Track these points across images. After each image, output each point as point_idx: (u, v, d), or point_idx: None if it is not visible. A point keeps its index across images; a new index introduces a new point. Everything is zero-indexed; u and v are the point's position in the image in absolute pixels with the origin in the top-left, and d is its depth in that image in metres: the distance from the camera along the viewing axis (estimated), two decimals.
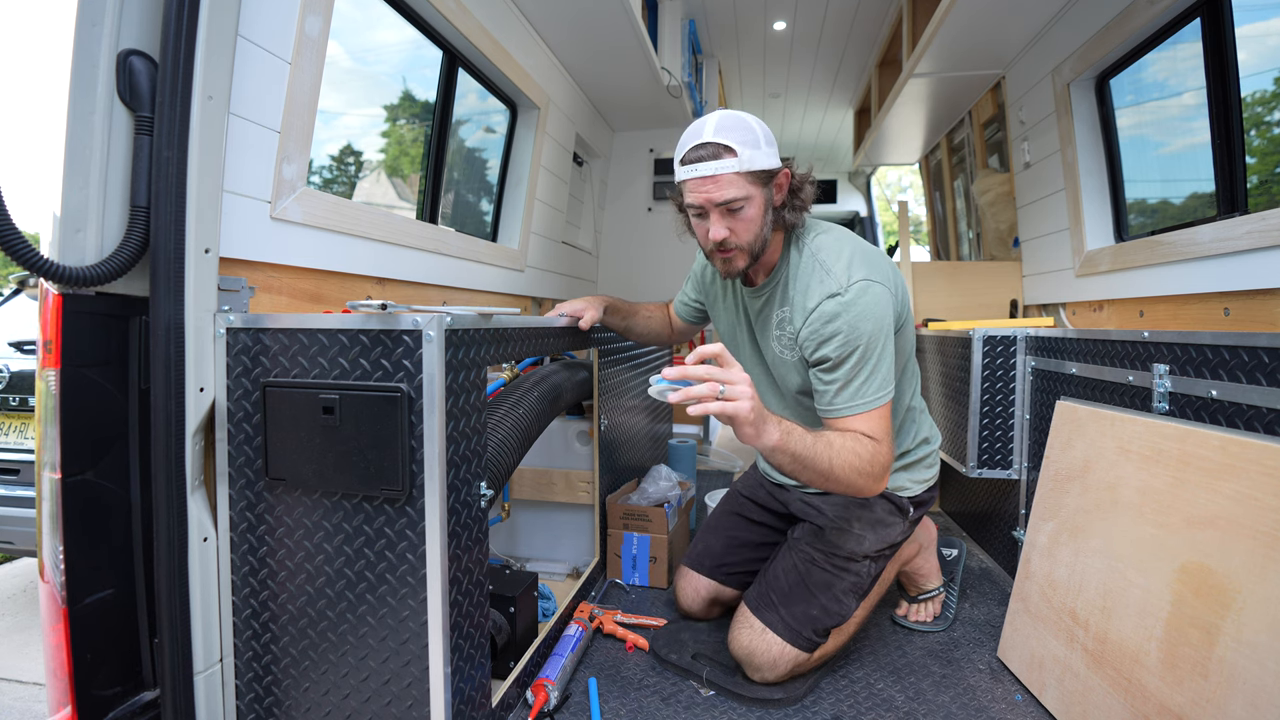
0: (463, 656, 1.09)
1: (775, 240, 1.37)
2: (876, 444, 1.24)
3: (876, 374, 1.27)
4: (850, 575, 1.42)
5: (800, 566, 1.42)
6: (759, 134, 1.26)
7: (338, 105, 1.89)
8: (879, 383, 1.27)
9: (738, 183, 1.25)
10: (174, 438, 1.04)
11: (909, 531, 1.53)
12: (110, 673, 1.04)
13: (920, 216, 5.11)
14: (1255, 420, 1.07)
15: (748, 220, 1.28)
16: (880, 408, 1.27)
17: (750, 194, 1.26)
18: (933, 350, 2.36)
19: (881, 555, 1.48)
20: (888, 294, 1.29)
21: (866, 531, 1.44)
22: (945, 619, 1.68)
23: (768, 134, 1.28)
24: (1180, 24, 1.74)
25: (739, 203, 1.25)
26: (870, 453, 1.22)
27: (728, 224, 1.28)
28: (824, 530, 1.45)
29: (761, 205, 1.28)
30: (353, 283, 1.56)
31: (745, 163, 1.23)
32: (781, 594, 1.40)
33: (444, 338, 1.01)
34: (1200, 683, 1.00)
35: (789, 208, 1.33)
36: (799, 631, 1.36)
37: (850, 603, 1.42)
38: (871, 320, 1.26)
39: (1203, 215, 1.78)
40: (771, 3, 3.23)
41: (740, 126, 1.25)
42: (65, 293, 0.96)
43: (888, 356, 1.28)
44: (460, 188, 2.42)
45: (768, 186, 1.29)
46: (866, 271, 1.29)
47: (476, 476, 1.14)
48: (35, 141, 0.97)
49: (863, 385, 1.26)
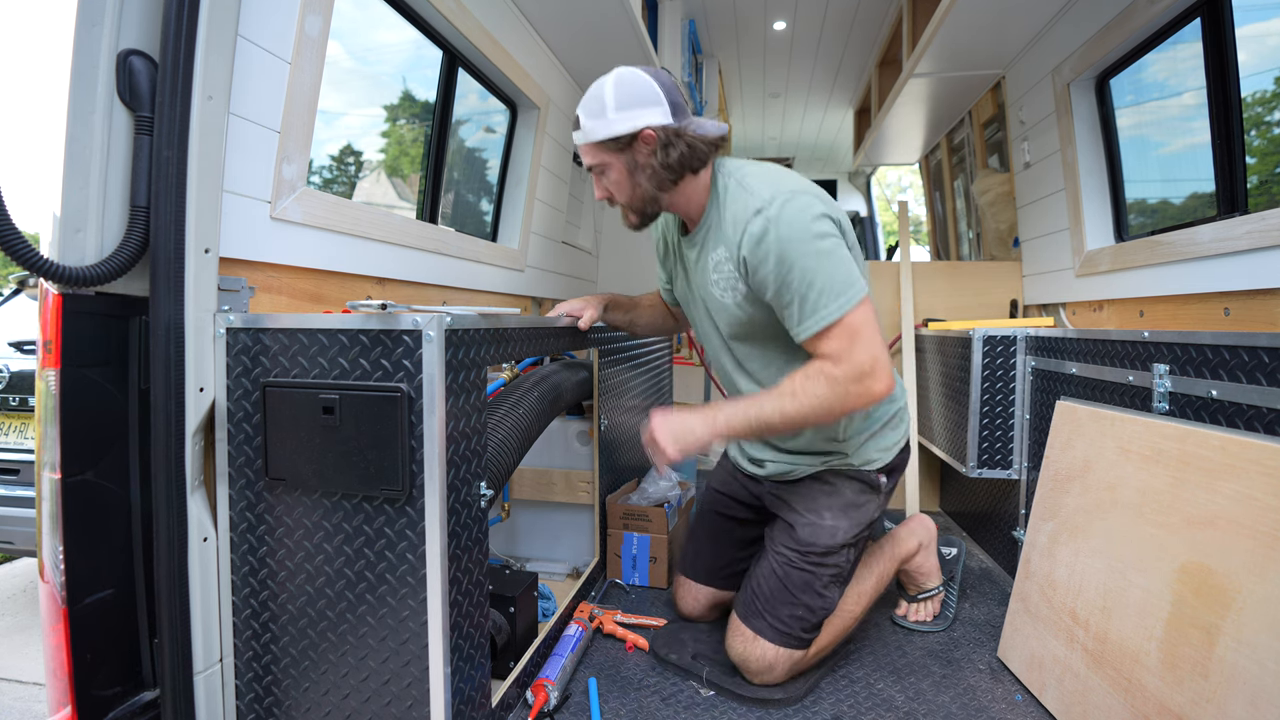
0: (462, 656, 1.09)
1: (686, 190, 1.35)
2: (841, 362, 1.20)
3: (828, 283, 1.21)
4: (829, 569, 1.40)
5: (779, 570, 1.40)
6: (608, 102, 1.27)
7: (338, 105, 1.89)
8: (833, 291, 1.21)
9: (590, 152, 1.33)
10: (174, 438, 1.04)
11: (884, 503, 1.50)
12: (110, 673, 1.04)
13: (920, 216, 5.11)
14: (1255, 420, 1.07)
15: (615, 183, 1.35)
16: (842, 318, 1.21)
17: (606, 161, 1.32)
18: (933, 350, 2.35)
19: (859, 540, 1.45)
20: (817, 201, 1.26)
21: (839, 520, 1.41)
22: (945, 618, 1.68)
23: (627, 96, 1.26)
24: (1180, 24, 1.74)
25: (599, 168, 1.34)
26: (827, 385, 1.21)
27: (603, 185, 1.37)
28: (796, 528, 1.42)
29: (623, 169, 1.32)
30: (353, 283, 1.56)
31: (588, 134, 1.30)
32: (765, 599, 1.39)
33: (444, 338, 1.01)
34: (1200, 683, 1.00)
35: (666, 165, 1.29)
36: (788, 633, 1.36)
37: (833, 594, 1.41)
38: (800, 227, 1.22)
39: (1203, 215, 1.77)
40: (771, 3, 3.23)
41: (594, 96, 1.30)
42: (65, 293, 0.96)
43: (835, 260, 1.22)
44: (460, 188, 2.42)
45: (627, 151, 1.30)
46: (792, 185, 1.27)
47: (476, 476, 1.14)
48: (35, 141, 0.97)
49: (816, 299, 1.21)
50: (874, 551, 1.62)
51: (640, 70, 1.30)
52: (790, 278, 1.22)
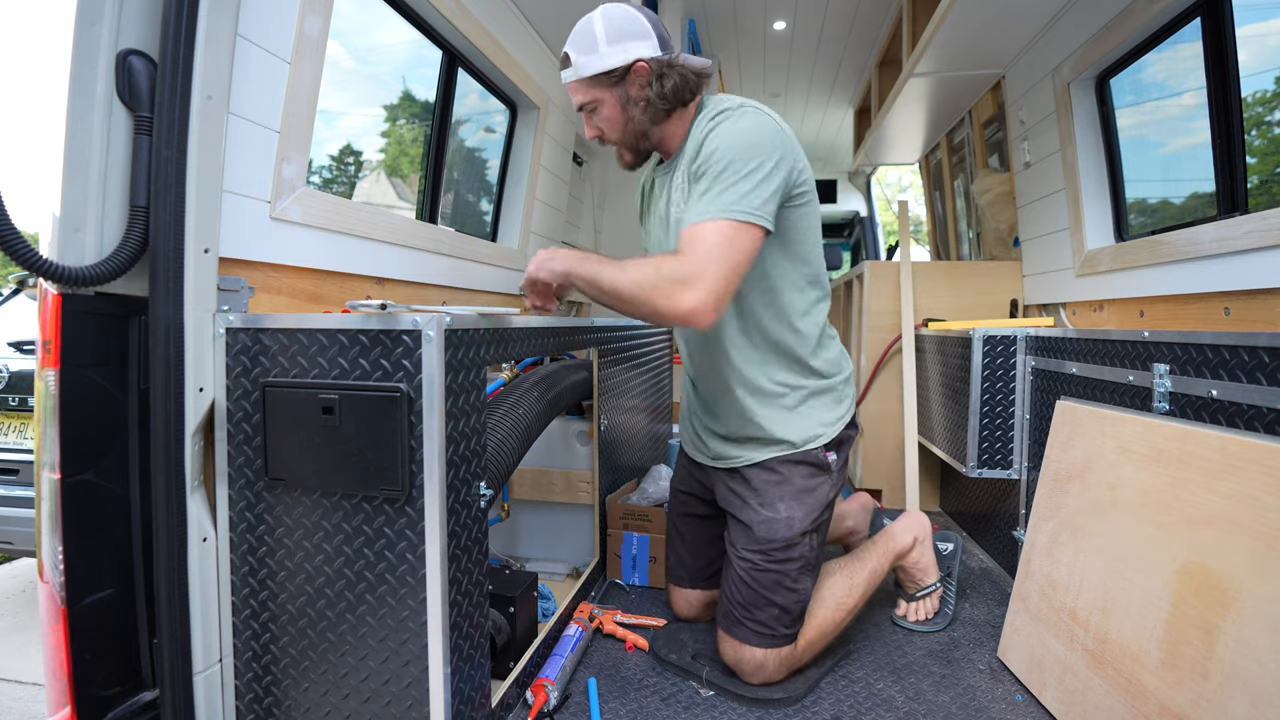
0: (462, 656, 1.09)
1: (675, 124, 1.37)
2: (679, 258, 1.16)
3: (738, 190, 1.18)
4: (795, 561, 1.37)
5: (746, 576, 1.37)
6: (598, 35, 1.27)
7: (339, 105, 1.89)
8: (726, 199, 1.18)
9: (582, 89, 1.32)
10: (173, 438, 1.04)
11: (839, 480, 1.46)
12: (110, 673, 1.04)
13: (920, 216, 5.11)
14: (1255, 420, 1.07)
15: (607, 120, 1.34)
16: (711, 222, 1.17)
17: (599, 97, 1.32)
18: (933, 350, 2.35)
19: (819, 524, 1.41)
20: (778, 128, 1.26)
21: (794, 509, 1.38)
22: (945, 615, 1.68)
23: (617, 29, 1.27)
24: (1180, 24, 1.74)
25: (590, 105, 1.33)
26: (652, 271, 1.16)
27: (594, 123, 1.36)
28: (752, 527, 1.39)
29: (616, 104, 1.32)
30: (352, 283, 1.56)
31: (581, 70, 1.29)
32: (741, 607, 1.38)
33: (443, 338, 1.01)
34: (1200, 683, 1.00)
35: (661, 96, 1.29)
36: (771, 634, 1.36)
37: (806, 583, 1.39)
38: (750, 133, 1.22)
39: (1203, 215, 1.77)
40: (771, 3, 3.23)
41: (583, 32, 1.29)
42: (65, 293, 0.96)
43: (753, 181, 1.19)
44: (460, 188, 2.42)
45: (620, 85, 1.30)
46: (759, 105, 1.28)
47: (476, 476, 1.14)
48: (35, 141, 0.97)
49: (718, 195, 1.18)
50: (867, 546, 1.62)
51: (625, 3, 1.30)
52: (712, 170, 1.21)
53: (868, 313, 2.76)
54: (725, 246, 1.16)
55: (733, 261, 1.17)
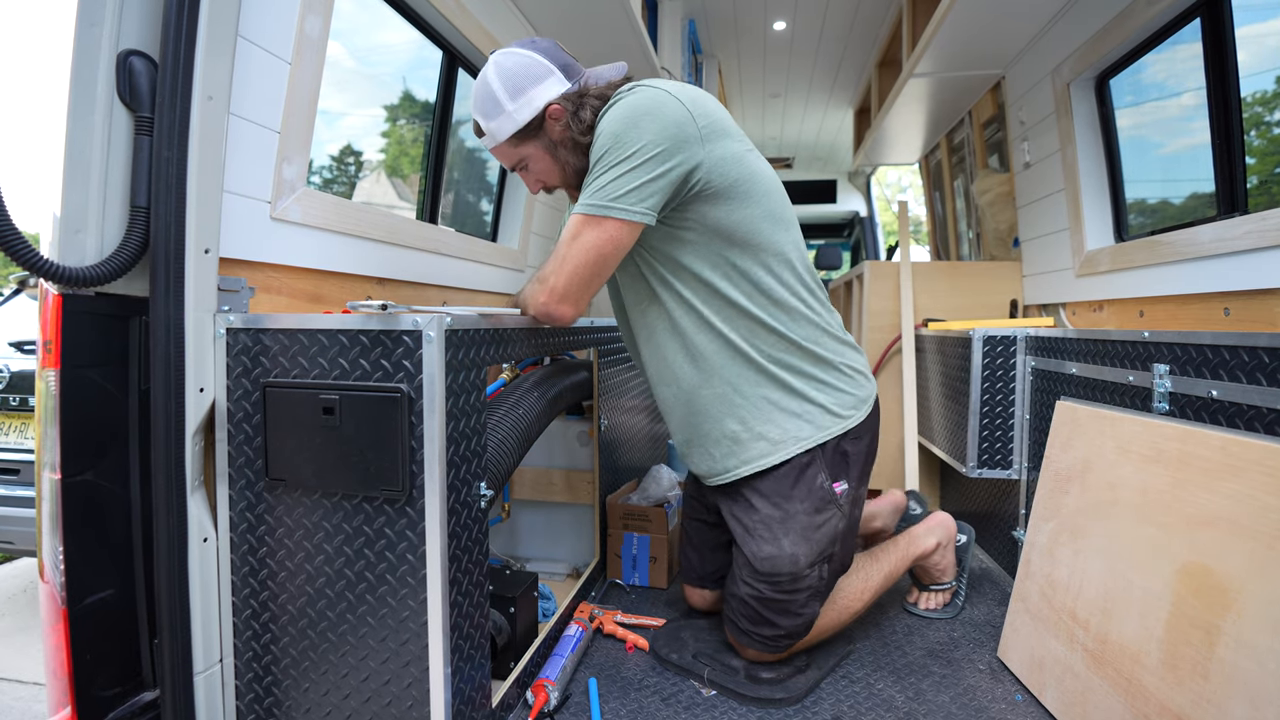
0: (463, 657, 1.09)
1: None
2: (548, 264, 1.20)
3: (600, 181, 1.12)
4: (803, 590, 1.34)
5: (752, 601, 1.35)
6: (499, 95, 1.21)
7: (339, 106, 1.89)
8: (594, 190, 1.13)
9: (505, 151, 1.28)
10: (174, 438, 1.04)
11: (853, 512, 1.37)
12: (110, 673, 1.04)
13: (920, 216, 5.11)
14: (1255, 420, 1.07)
15: (543, 171, 1.30)
16: (577, 215, 1.14)
17: (524, 154, 1.27)
18: (933, 350, 2.36)
19: (829, 556, 1.35)
20: (669, 111, 1.13)
21: (798, 547, 1.30)
22: (955, 606, 1.71)
23: (515, 83, 1.20)
24: (1180, 24, 1.74)
25: (520, 163, 1.29)
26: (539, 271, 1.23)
27: (532, 178, 1.32)
28: (754, 563, 1.32)
29: (544, 153, 1.27)
30: (353, 283, 1.56)
31: (496, 135, 1.25)
32: (746, 620, 1.38)
33: (444, 338, 1.01)
34: (1200, 683, 1.00)
35: (582, 131, 1.22)
36: (775, 646, 1.39)
37: (813, 607, 1.37)
38: (624, 121, 1.12)
39: (1203, 215, 1.78)
40: (771, 3, 3.23)
41: (483, 96, 1.23)
42: (65, 293, 0.96)
43: (635, 173, 1.11)
44: (460, 188, 2.42)
45: (540, 134, 1.25)
46: (657, 83, 1.18)
47: (476, 477, 1.14)
48: (35, 141, 0.97)
49: (586, 189, 1.14)
50: (887, 547, 1.61)
51: (515, 48, 1.24)
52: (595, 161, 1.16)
53: (868, 313, 2.76)
54: (570, 241, 1.17)
55: (578, 258, 1.16)
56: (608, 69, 1.28)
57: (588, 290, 1.21)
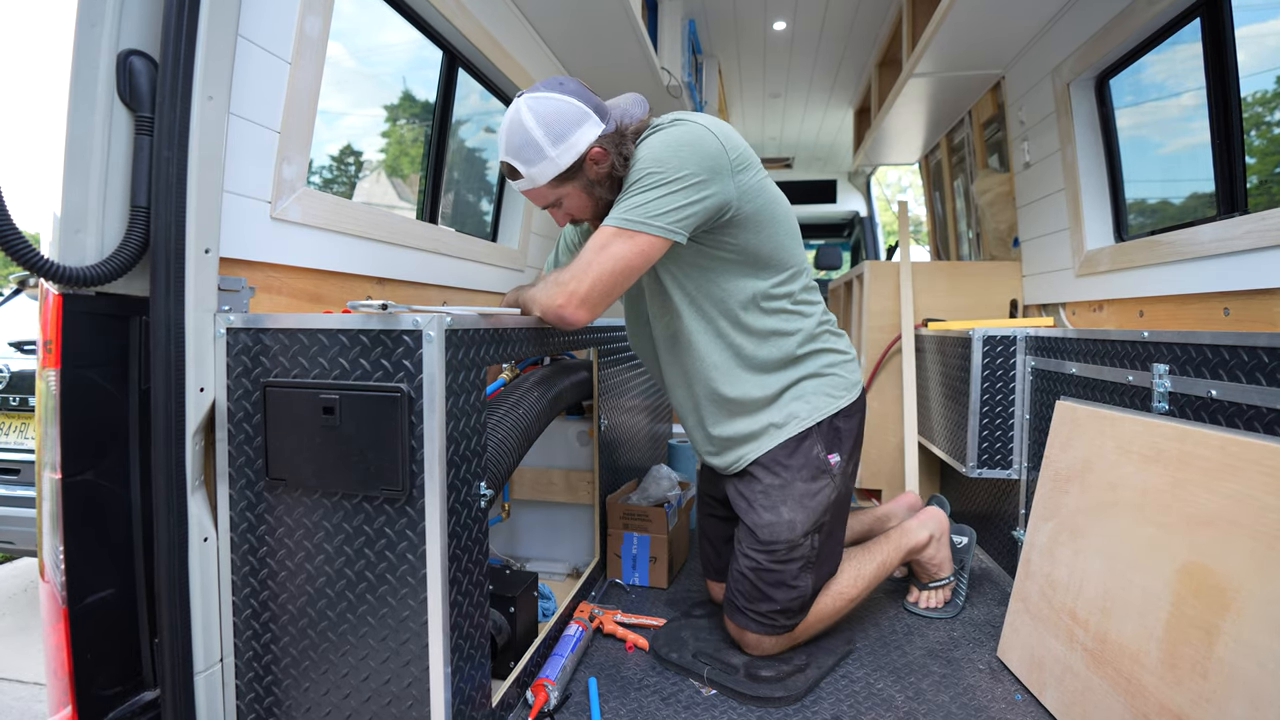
0: (463, 656, 1.09)
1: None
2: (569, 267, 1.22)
3: (640, 199, 1.18)
4: (796, 560, 1.41)
5: (749, 573, 1.42)
6: (540, 140, 1.22)
7: (340, 105, 1.89)
8: (631, 206, 1.19)
9: (542, 194, 1.30)
10: (174, 438, 1.04)
11: (846, 484, 1.47)
12: (110, 673, 1.04)
13: (920, 216, 5.11)
14: (1255, 420, 1.07)
15: (576, 208, 1.33)
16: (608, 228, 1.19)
17: (561, 193, 1.30)
18: (933, 350, 2.36)
19: (821, 525, 1.43)
20: (709, 143, 1.22)
21: (796, 514, 1.40)
22: (955, 605, 1.71)
23: (556, 130, 1.22)
24: (1180, 24, 1.74)
25: (555, 201, 1.31)
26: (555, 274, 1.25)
27: (563, 213, 1.34)
28: (756, 532, 1.42)
29: (580, 192, 1.30)
30: (353, 283, 1.56)
31: (536, 179, 1.26)
32: (744, 597, 1.44)
33: (444, 338, 1.01)
34: (1200, 683, 1.00)
35: (617, 166, 1.27)
36: (771, 625, 1.42)
37: (806, 581, 1.43)
38: (670, 148, 1.20)
39: (1203, 215, 1.78)
40: (771, 3, 3.23)
41: (522, 144, 1.24)
42: (65, 293, 0.96)
43: (673, 196, 1.19)
44: (460, 188, 2.42)
45: (579, 174, 1.28)
46: (698, 118, 1.25)
47: (476, 476, 1.14)
48: (35, 141, 0.97)
49: (620, 204, 1.20)
50: (880, 540, 1.64)
51: (545, 92, 1.26)
52: (634, 181, 1.22)
53: (867, 313, 2.76)
54: (598, 250, 1.21)
55: (605, 266, 1.21)
56: (631, 105, 1.32)
57: (607, 298, 1.25)
